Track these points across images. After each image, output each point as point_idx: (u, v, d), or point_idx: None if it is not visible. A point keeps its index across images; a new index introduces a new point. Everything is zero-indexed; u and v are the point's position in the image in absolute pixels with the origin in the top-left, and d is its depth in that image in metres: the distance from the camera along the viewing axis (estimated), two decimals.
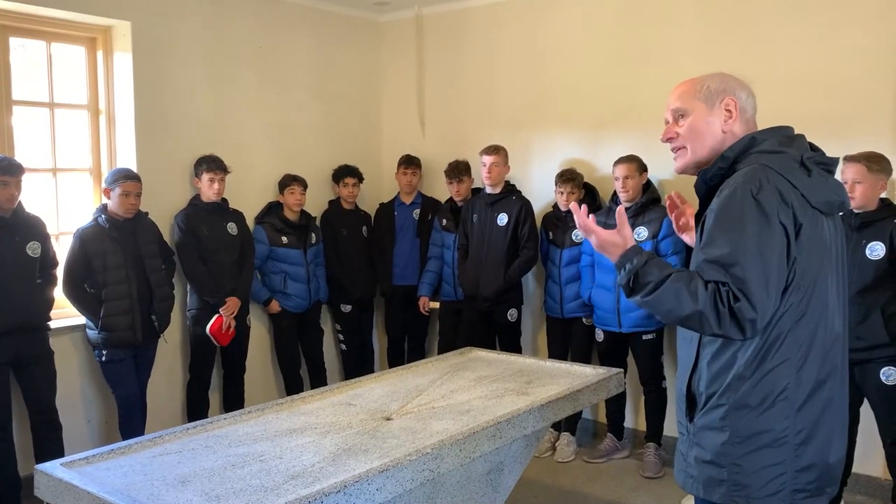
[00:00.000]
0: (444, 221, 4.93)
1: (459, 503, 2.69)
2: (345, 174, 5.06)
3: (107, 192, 3.84)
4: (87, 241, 3.76)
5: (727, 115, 1.89)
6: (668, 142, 1.99)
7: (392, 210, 5.20)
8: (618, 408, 4.43)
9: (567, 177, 4.42)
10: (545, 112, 4.86)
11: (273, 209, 4.77)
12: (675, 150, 1.98)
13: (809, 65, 3.86)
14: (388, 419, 2.75)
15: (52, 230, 3.93)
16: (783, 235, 1.72)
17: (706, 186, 1.89)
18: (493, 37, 5.06)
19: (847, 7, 3.77)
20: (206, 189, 4.31)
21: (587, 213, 1.99)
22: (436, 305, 4.92)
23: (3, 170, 3.42)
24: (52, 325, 3.73)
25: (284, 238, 4.69)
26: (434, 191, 5.30)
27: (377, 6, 5.34)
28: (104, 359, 3.83)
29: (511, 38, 4.97)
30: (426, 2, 5.23)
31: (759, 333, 1.74)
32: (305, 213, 4.85)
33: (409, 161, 5.16)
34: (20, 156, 3.83)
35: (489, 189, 4.63)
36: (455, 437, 2.45)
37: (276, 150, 4.96)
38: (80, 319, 3.90)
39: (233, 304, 4.30)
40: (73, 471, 2.28)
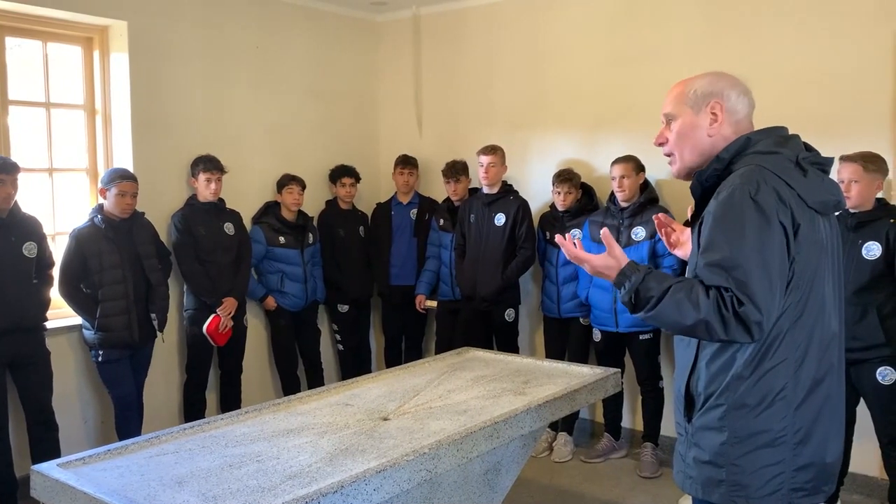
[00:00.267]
0: (442, 221, 4.93)
1: (457, 503, 2.69)
2: (342, 174, 5.06)
3: (103, 193, 3.83)
4: (83, 242, 3.75)
5: (712, 119, 1.88)
6: (661, 146, 1.99)
7: (389, 210, 5.20)
8: (615, 408, 4.44)
9: (564, 177, 4.42)
10: (543, 112, 4.87)
11: (270, 209, 4.77)
12: (667, 156, 1.99)
13: (806, 65, 3.87)
14: (386, 419, 2.75)
15: (49, 230, 3.93)
16: (783, 235, 1.72)
17: (702, 188, 1.89)
18: (491, 37, 5.06)
19: (843, 7, 3.78)
20: (203, 189, 4.30)
21: (573, 243, 1.97)
22: (434, 304, 4.92)
23: None
24: (49, 326, 3.73)
25: (282, 238, 4.69)
26: (431, 191, 5.30)
27: (374, 6, 5.34)
28: (101, 359, 3.82)
29: (508, 39, 4.97)
30: (423, 2, 5.23)
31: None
32: (302, 213, 4.84)
33: (406, 161, 5.15)
34: (16, 156, 3.82)
35: (486, 189, 4.63)
36: (452, 437, 2.45)
37: (273, 150, 4.95)
38: (77, 320, 3.90)
39: (230, 305, 4.30)
40: (70, 471, 2.27)
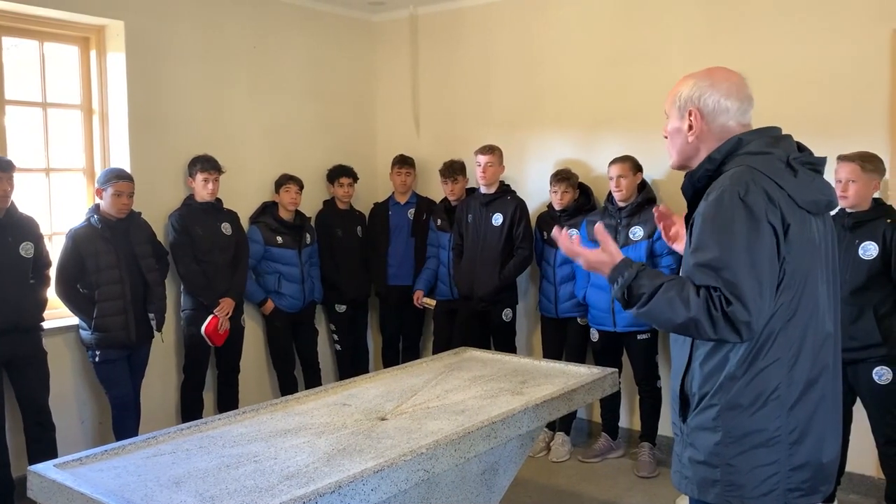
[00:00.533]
0: (439, 222, 4.93)
1: (454, 503, 2.69)
2: (340, 174, 5.05)
3: (99, 193, 3.83)
4: (80, 242, 3.74)
5: (689, 127, 1.90)
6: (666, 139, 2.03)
7: (386, 210, 5.20)
8: (612, 407, 4.44)
9: (561, 176, 4.42)
10: (540, 112, 4.87)
11: (268, 209, 4.76)
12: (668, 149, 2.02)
13: (803, 65, 3.87)
14: (383, 419, 2.74)
15: (46, 230, 3.92)
16: (772, 236, 1.73)
17: (693, 188, 1.90)
18: (488, 37, 5.06)
19: (841, 7, 3.78)
20: (201, 189, 4.30)
21: (568, 237, 2.00)
22: (432, 303, 4.91)
23: None
24: (46, 326, 3.72)
25: (279, 238, 4.68)
26: (429, 191, 5.30)
27: (372, 6, 5.33)
28: (98, 359, 3.82)
29: (506, 39, 4.98)
30: (421, 2, 5.23)
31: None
32: (300, 214, 4.84)
33: (403, 161, 5.15)
34: (13, 156, 3.80)
35: (484, 189, 4.63)
36: (450, 437, 2.45)
37: (271, 151, 4.95)
38: (74, 320, 3.89)
39: (227, 305, 4.29)
40: (67, 472, 2.27)
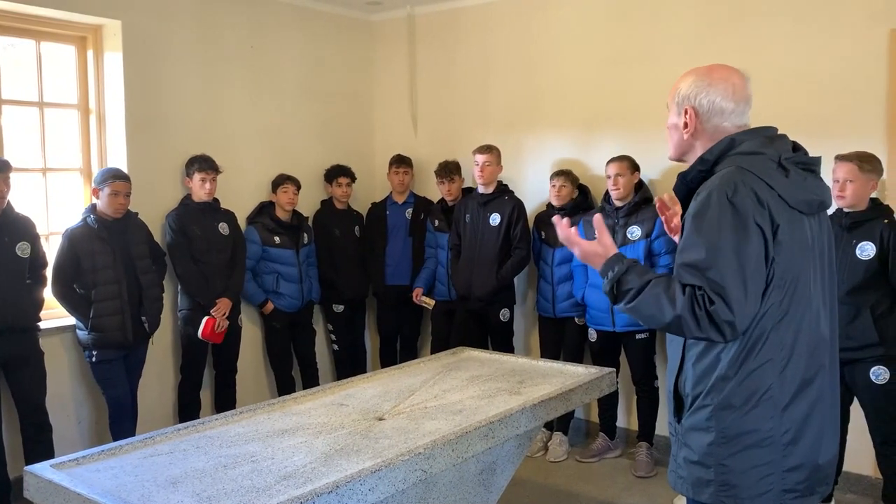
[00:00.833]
0: (437, 223, 4.93)
1: (452, 503, 2.69)
2: (338, 174, 5.05)
3: (95, 192, 3.82)
4: (76, 242, 3.73)
5: (684, 125, 1.91)
6: None
7: (384, 210, 5.20)
8: (610, 407, 4.45)
9: (560, 171, 4.46)
10: (537, 112, 4.87)
11: (265, 209, 4.76)
12: None
13: (800, 65, 3.87)
14: (381, 419, 2.74)
15: (42, 230, 3.92)
16: (760, 237, 1.72)
17: (687, 188, 1.90)
18: (486, 37, 5.06)
19: (838, 7, 3.78)
20: (198, 189, 4.29)
21: (569, 225, 2.01)
22: (432, 302, 4.89)
23: None
24: (42, 326, 3.71)
25: (277, 238, 4.68)
26: (427, 190, 5.29)
27: (369, 6, 5.33)
28: (94, 359, 3.81)
29: (503, 38, 4.97)
30: (418, 1, 5.22)
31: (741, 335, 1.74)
32: (297, 213, 4.84)
33: (401, 160, 5.15)
34: (9, 155, 3.80)
35: (482, 189, 4.63)
36: (447, 437, 2.45)
37: (268, 150, 4.94)
38: (70, 320, 3.88)
39: (223, 306, 4.28)
40: (63, 472, 2.26)
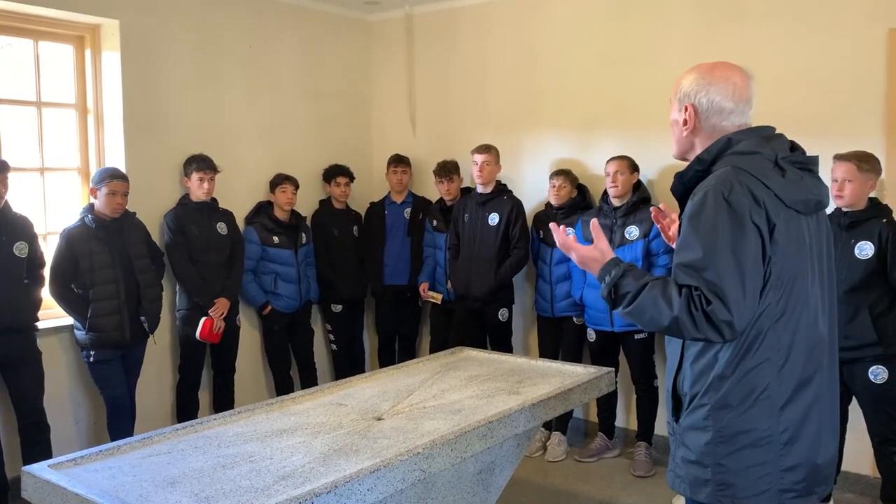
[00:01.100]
0: (435, 223, 4.93)
1: (451, 503, 2.69)
2: (336, 174, 5.05)
3: (93, 192, 3.81)
4: (74, 241, 3.73)
5: (684, 122, 1.90)
6: None
7: (382, 209, 5.19)
8: (609, 407, 4.44)
9: (559, 170, 4.46)
10: (536, 112, 4.87)
11: (263, 209, 4.75)
12: None
13: (799, 64, 3.88)
14: (379, 419, 2.74)
15: (40, 230, 3.91)
16: (757, 236, 1.72)
17: (684, 188, 1.90)
18: (484, 36, 5.05)
19: (835, 7, 3.78)
20: (196, 189, 4.29)
21: (565, 232, 2.01)
22: (438, 297, 4.85)
23: None
24: (40, 326, 3.70)
25: (275, 238, 4.67)
26: (425, 190, 5.29)
27: (367, 5, 5.32)
28: (92, 359, 3.80)
29: (502, 38, 4.97)
30: (417, 1, 5.22)
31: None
32: (296, 213, 4.83)
33: (399, 160, 5.15)
34: (7, 155, 3.80)
35: (480, 188, 4.63)
36: (446, 437, 2.45)
37: (266, 150, 4.94)
38: (68, 320, 3.87)
39: (221, 306, 4.28)
40: (61, 472, 2.26)
